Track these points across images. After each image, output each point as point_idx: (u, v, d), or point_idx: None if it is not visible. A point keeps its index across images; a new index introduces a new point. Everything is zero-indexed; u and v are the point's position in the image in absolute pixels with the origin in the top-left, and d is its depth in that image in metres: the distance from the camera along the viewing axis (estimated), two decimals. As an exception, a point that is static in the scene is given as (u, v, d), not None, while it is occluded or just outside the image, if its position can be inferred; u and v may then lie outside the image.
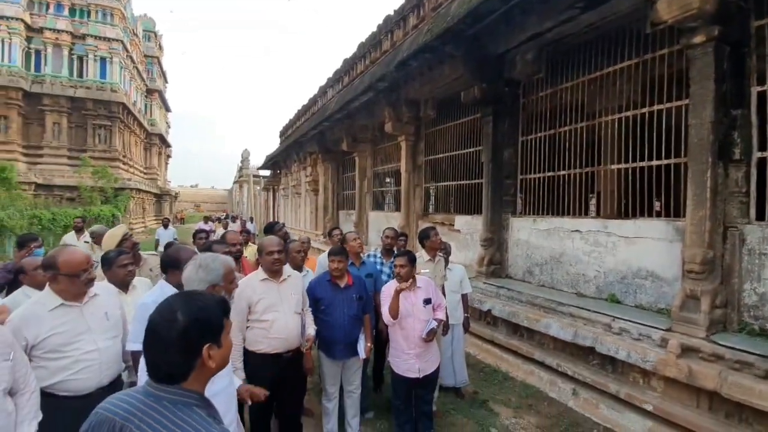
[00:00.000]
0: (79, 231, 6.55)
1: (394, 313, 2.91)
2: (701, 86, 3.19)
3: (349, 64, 10.04)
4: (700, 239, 3.14)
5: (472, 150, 6.23)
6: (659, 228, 3.70)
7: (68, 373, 1.79)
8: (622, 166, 4.14)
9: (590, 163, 4.57)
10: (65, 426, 1.59)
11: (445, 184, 7.09)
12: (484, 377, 4.50)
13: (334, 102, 9.39)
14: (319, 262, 3.89)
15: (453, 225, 6.59)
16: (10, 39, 19.01)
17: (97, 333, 1.87)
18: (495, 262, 5.55)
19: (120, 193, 21.21)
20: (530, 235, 5.17)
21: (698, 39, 3.12)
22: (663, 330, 3.17)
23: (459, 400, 3.93)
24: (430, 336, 2.95)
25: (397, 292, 2.89)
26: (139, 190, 24.18)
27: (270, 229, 4.37)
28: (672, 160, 3.67)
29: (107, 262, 2.51)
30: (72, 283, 1.87)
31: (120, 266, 2.45)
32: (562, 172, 4.80)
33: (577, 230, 4.50)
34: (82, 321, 1.87)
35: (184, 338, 0.93)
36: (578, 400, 3.73)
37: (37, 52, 20.45)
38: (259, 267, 2.73)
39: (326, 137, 11.33)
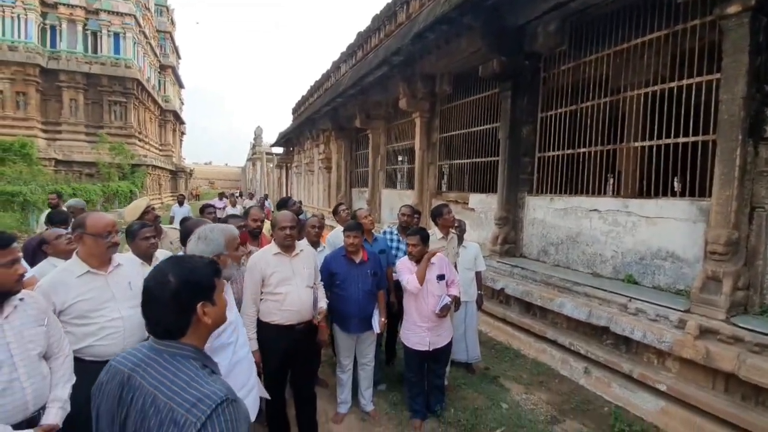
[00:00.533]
0: (54, 209, 5.45)
1: (421, 279, 2.94)
2: (734, 59, 3.03)
3: (363, 38, 9.79)
4: (725, 220, 3.05)
5: (488, 127, 6.09)
6: (682, 208, 3.59)
7: (93, 339, 1.86)
8: (646, 143, 3.99)
9: (612, 141, 4.42)
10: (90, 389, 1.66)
11: (460, 162, 6.98)
12: (495, 354, 4.53)
13: (347, 77, 9.22)
14: (328, 241, 3.89)
15: (467, 203, 6.52)
16: (26, 15, 19.05)
17: (121, 301, 1.93)
18: (509, 241, 5.51)
19: (137, 170, 21.56)
20: (546, 214, 5.08)
21: (733, 9, 2.94)
22: (681, 311, 3.13)
23: (470, 375, 3.99)
24: (444, 312, 2.97)
25: (428, 258, 2.94)
26: (155, 167, 24.53)
27: (284, 204, 4.38)
28: (699, 138, 3.52)
29: (130, 234, 2.56)
30: (97, 244, 1.93)
31: (143, 239, 2.50)
32: (582, 150, 4.66)
33: (595, 209, 4.41)
34: (107, 289, 1.93)
35: (176, 298, 1.00)
36: (590, 379, 3.74)
37: (52, 28, 20.49)
38: (272, 241, 2.75)
39: (339, 114, 11.20)
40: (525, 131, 5.42)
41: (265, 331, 2.59)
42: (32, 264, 2.51)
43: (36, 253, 3.10)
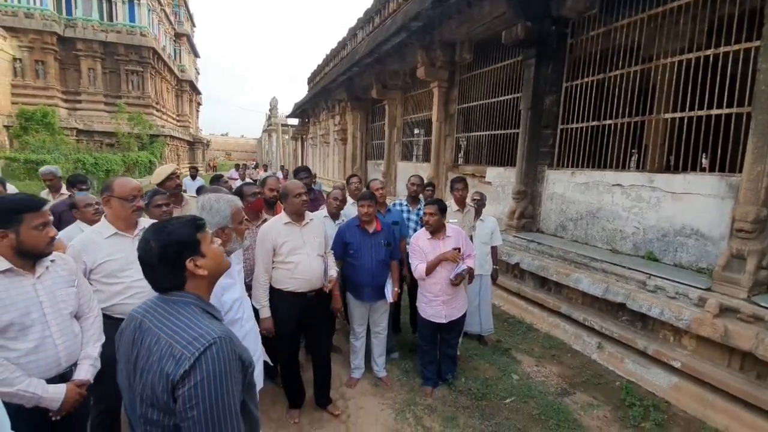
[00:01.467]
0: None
1: (429, 273, 2.97)
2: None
3: (380, 2, 9.43)
4: (755, 196, 2.92)
5: (509, 97, 5.88)
6: (711, 183, 3.44)
7: (121, 298, 1.94)
8: (676, 115, 3.80)
9: (640, 112, 4.22)
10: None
11: (478, 134, 6.81)
12: (508, 327, 4.57)
13: (364, 45, 8.95)
14: (342, 212, 3.88)
15: (484, 177, 6.41)
16: (41, -20, 18.94)
17: (145, 263, 1.99)
18: (526, 216, 5.43)
19: (155, 140, 21.81)
20: (566, 188, 4.96)
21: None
22: (702, 289, 3.06)
23: (482, 347, 4.04)
24: (458, 279, 2.97)
25: (442, 258, 2.95)
26: (172, 137, 24.76)
27: (299, 173, 4.37)
28: (733, 110, 3.33)
29: (146, 203, 2.61)
30: (122, 207, 2.01)
31: (155, 206, 2.54)
32: (608, 122, 4.47)
33: (618, 184, 4.27)
34: (132, 251, 1.97)
35: (163, 261, 1.08)
36: (603, 354, 3.75)
37: (68, -6, 20.36)
38: (282, 211, 2.75)
39: (355, 84, 10.97)
40: (548, 102, 5.22)
41: (278, 299, 2.65)
42: (58, 228, 2.59)
43: (61, 218, 3.21)
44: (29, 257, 1.53)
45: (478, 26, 5.88)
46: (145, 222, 2.15)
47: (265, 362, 2.23)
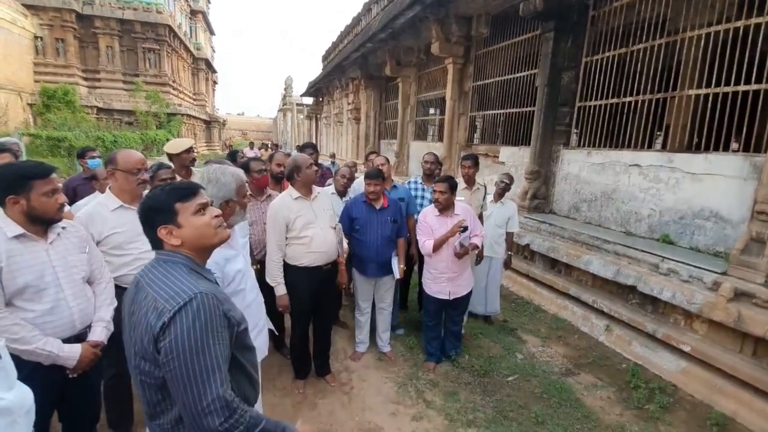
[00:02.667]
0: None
1: (437, 248, 2.96)
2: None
3: (395, -24, 9.14)
4: (781, 177, 2.78)
5: (525, 74, 5.69)
6: (734, 164, 3.29)
7: (129, 269, 1.99)
8: (702, 91, 3.61)
9: (663, 89, 4.03)
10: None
11: (493, 112, 6.65)
12: (515, 308, 4.56)
13: (377, 20, 8.74)
14: (353, 188, 3.89)
15: (497, 157, 6.29)
16: (58, -43, 18.93)
17: (150, 235, 2.03)
18: (539, 197, 5.33)
19: (172, 119, 22.01)
20: (582, 169, 4.83)
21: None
22: (717, 273, 2.97)
23: (488, 326, 4.05)
24: (460, 250, 2.93)
25: (450, 234, 2.92)
26: (189, 116, 24.95)
27: (305, 148, 4.36)
28: (762, 86, 3.14)
29: (151, 177, 2.65)
30: (127, 180, 2.04)
31: (160, 180, 2.58)
32: (628, 99, 4.29)
33: (636, 164, 4.14)
34: (137, 224, 2.03)
35: (145, 223, 1.18)
36: (610, 336, 3.72)
37: (84, -29, 20.34)
38: (290, 186, 2.74)
39: (369, 61, 10.78)
40: (566, 78, 5.04)
41: (294, 275, 2.66)
42: (72, 201, 2.68)
43: (76, 191, 3.31)
44: (41, 223, 1.58)
45: (495, -1, 5.65)
46: None
47: (270, 331, 2.28)
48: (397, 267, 3.14)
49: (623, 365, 3.36)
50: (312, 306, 2.79)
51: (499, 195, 3.99)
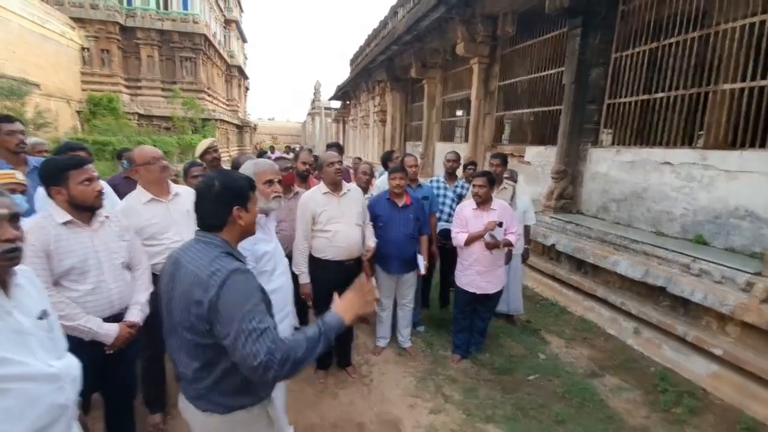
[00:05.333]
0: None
1: (470, 243, 3.00)
2: None
3: (421, -21, 9.20)
4: (825, 174, 2.63)
5: (552, 72, 5.61)
6: (772, 160, 3.13)
7: (162, 257, 2.11)
8: (738, 85, 3.45)
9: (697, 84, 3.88)
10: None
11: (519, 111, 6.57)
12: (539, 309, 4.48)
13: (403, 23, 8.83)
14: (377, 186, 3.97)
15: (523, 156, 6.20)
16: (104, -28, 20.20)
17: (181, 226, 2.19)
18: (566, 197, 5.22)
19: (207, 124, 22.94)
20: (611, 167, 4.70)
21: None
22: (750, 273, 2.83)
23: (510, 326, 4.01)
24: (492, 240, 2.96)
25: (486, 230, 2.93)
26: (222, 121, 25.92)
27: (330, 148, 4.50)
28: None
29: (186, 172, 2.85)
30: (148, 171, 2.20)
31: (192, 177, 2.76)
32: (660, 95, 4.15)
33: (667, 162, 3.99)
34: (169, 215, 2.20)
35: (219, 199, 1.26)
36: (639, 339, 3.60)
37: (127, -15, 21.61)
38: (320, 182, 2.86)
39: (395, 64, 10.88)
40: (594, 75, 4.93)
41: (317, 266, 2.77)
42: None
43: (117, 189, 3.56)
44: (83, 210, 1.74)
45: (521, -3, 5.61)
46: (179, 188, 2.33)
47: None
48: (422, 263, 3.18)
49: (651, 369, 3.25)
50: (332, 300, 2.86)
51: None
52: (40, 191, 2.15)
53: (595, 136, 5.04)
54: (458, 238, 3.06)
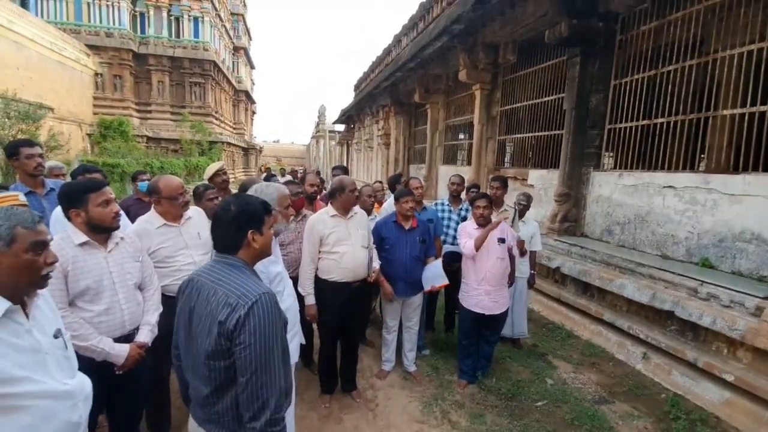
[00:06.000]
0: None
1: (479, 245, 3.01)
2: None
3: (424, 8, 9.54)
4: (829, 198, 2.65)
5: (553, 98, 5.74)
6: (775, 184, 3.16)
7: (172, 279, 2.17)
8: (739, 111, 3.53)
9: (696, 109, 3.96)
10: (169, 317, 1.98)
11: (521, 136, 6.68)
12: (546, 333, 4.43)
13: (407, 51, 9.11)
14: (384, 209, 4.02)
15: (526, 180, 6.27)
16: (119, 3, 21.04)
17: (192, 249, 2.23)
18: (569, 219, 5.24)
19: (213, 146, 23.35)
20: (614, 191, 4.75)
21: None
22: (760, 297, 2.82)
23: (516, 350, 3.96)
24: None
25: (491, 228, 3.00)
26: (229, 144, 26.37)
27: (335, 170, 4.58)
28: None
29: (197, 195, 2.92)
30: (171, 205, 2.26)
31: (207, 199, 2.81)
32: (660, 120, 4.24)
33: (670, 186, 4.04)
34: (180, 239, 2.25)
35: (234, 222, 1.30)
36: (648, 364, 3.54)
37: (141, 15, 22.45)
38: (329, 205, 2.91)
39: (398, 89, 11.15)
40: (594, 101, 5.04)
41: (324, 288, 2.78)
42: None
43: (129, 210, 3.63)
44: (100, 231, 1.79)
45: (521, 27, 5.80)
46: (190, 212, 2.39)
47: (300, 348, 2.38)
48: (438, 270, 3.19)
49: (662, 395, 3.19)
50: (340, 322, 2.87)
51: (520, 215, 3.99)
52: (56, 213, 2.21)
53: (597, 160, 5.11)
54: (468, 245, 3.04)
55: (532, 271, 4.05)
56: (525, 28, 5.78)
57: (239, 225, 1.30)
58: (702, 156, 4.49)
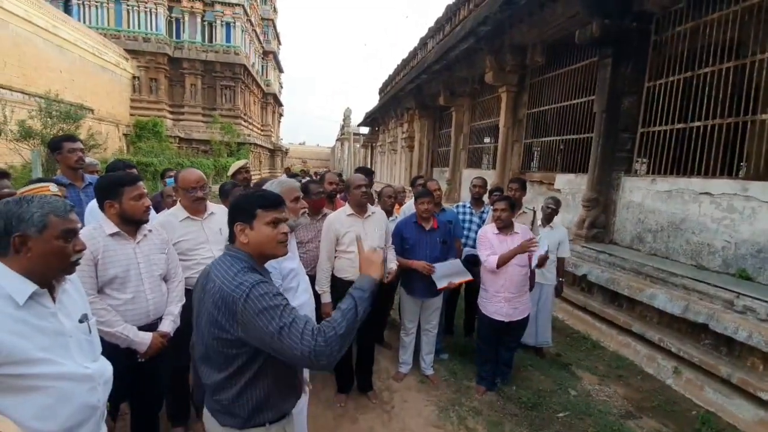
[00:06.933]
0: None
1: (501, 265, 2.93)
2: None
3: (451, 11, 9.50)
4: None
5: (582, 100, 5.58)
6: (824, 192, 2.95)
7: (192, 272, 2.22)
8: (782, 115, 3.33)
9: (734, 113, 3.76)
10: (188, 310, 2.03)
11: (548, 139, 6.52)
12: (570, 342, 4.29)
13: (433, 53, 9.08)
14: (403, 211, 4.00)
15: (552, 184, 6.11)
16: (156, 9, 21.98)
17: (213, 244, 2.29)
18: (598, 226, 5.07)
19: (242, 147, 23.96)
20: (645, 197, 4.56)
21: None
22: (804, 312, 2.63)
23: (538, 358, 3.85)
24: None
25: (518, 250, 2.88)
26: (256, 145, 27.02)
27: (358, 171, 4.60)
28: None
29: (224, 193, 3.00)
30: (185, 196, 2.33)
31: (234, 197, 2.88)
32: (697, 124, 4.05)
33: (706, 193, 3.84)
34: (202, 233, 2.31)
35: (229, 212, 1.36)
36: (679, 379, 3.37)
37: (177, 21, 23.36)
38: (346, 204, 2.93)
39: (423, 92, 11.13)
40: (626, 103, 4.87)
41: (339, 286, 2.79)
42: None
43: (155, 207, 3.79)
44: (131, 223, 1.86)
45: (550, 28, 5.68)
46: (214, 208, 2.44)
47: None
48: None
49: (693, 412, 3.02)
50: None
51: (547, 220, 3.89)
52: (91, 205, 2.32)
53: (628, 165, 4.92)
54: (490, 261, 2.97)
55: (560, 279, 3.93)
56: (554, 29, 5.65)
57: (232, 217, 1.34)
58: (742, 163, 4.26)
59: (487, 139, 9.50)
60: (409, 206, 3.99)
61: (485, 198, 4.27)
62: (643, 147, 4.74)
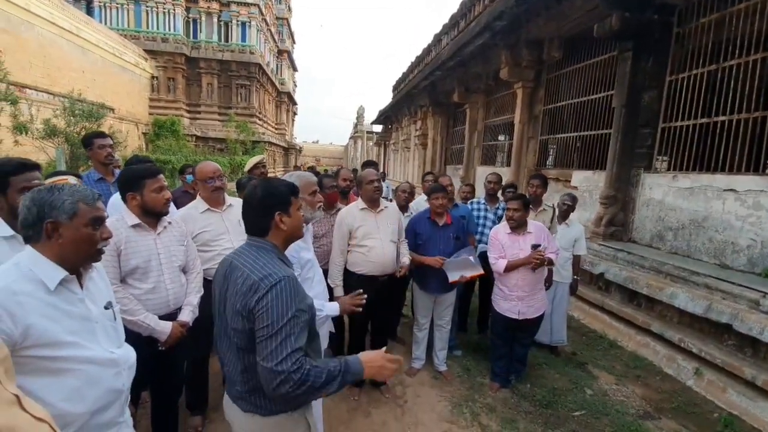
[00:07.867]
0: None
1: (509, 270, 2.92)
2: None
3: (466, 7, 9.40)
4: None
5: (600, 95, 5.47)
6: None
7: (213, 263, 2.26)
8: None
9: (762, 107, 3.63)
10: (208, 301, 2.07)
11: (565, 135, 6.41)
12: (587, 341, 4.22)
13: (447, 49, 9.02)
14: (411, 207, 3.99)
15: (569, 181, 6.01)
16: (174, 10, 22.37)
17: (233, 234, 2.33)
18: (616, 224, 4.97)
19: (256, 145, 24.24)
20: (666, 194, 4.45)
21: None
22: (836, 313, 2.53)
23: (553, 357, 3.80)
24: (538, 252, 2.84)
25: (528, 260, 2.85)
26: (270, 143, 27.29)
27: (366, 166, 4.61)
28: None
29: (241, 187, 3.05)
30: (203, 188, 2.38)
31: None
32: (722, 118, 3.93)
33: (731, 189, 3.73)
34: (222, 224, 2.35)
35: (261, 204, 1.33)
36: (701, 381, 3.28)
37: (194, 21, 23.74)
38: (359, 198, 2.94)
39: (437, 89, 11.07)
40: (647, 98, 4.75)
41: (352, 280, 2.81)
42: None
43: (176, 202, 3.86)
44: (152, 215, 1.91)
45: (568, 22, 5.58)
46: (232, 200, 2.48)
47: (330, 340, 2.41)
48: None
49: (715, 414, 2.94)
50: (367, 315, 2.88)
51: (563, 216, 3.83)
52: (114, 198, 2.38)
53: (648, 161, 4.81)
54: (498, 264, 2.96)
55: (576, 277, 3.87)
56: (572, 23, 5.55)
57: (266, 208, 1.32)
58: (768, 161, 4.12)
59: (501, 137, 9.40)
60: (417, 202, 3.98)
61: (500, 194, 4.23)
62: (665, 143, 4.62)
